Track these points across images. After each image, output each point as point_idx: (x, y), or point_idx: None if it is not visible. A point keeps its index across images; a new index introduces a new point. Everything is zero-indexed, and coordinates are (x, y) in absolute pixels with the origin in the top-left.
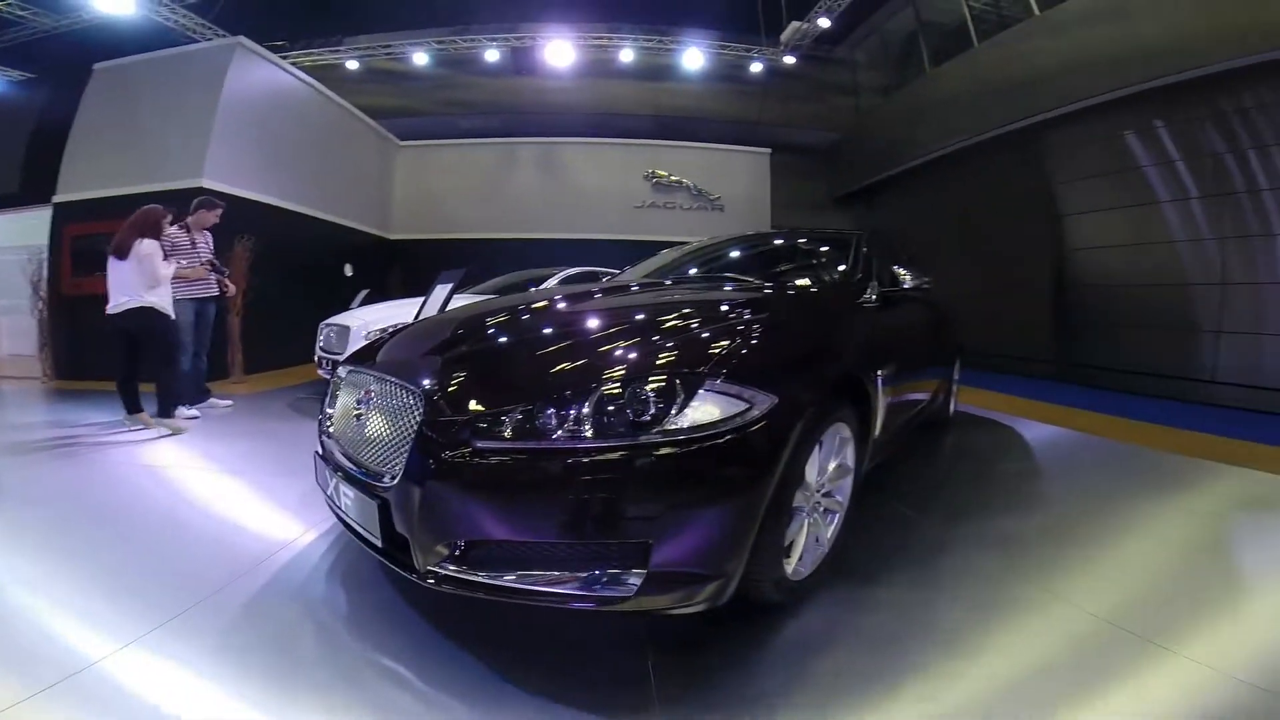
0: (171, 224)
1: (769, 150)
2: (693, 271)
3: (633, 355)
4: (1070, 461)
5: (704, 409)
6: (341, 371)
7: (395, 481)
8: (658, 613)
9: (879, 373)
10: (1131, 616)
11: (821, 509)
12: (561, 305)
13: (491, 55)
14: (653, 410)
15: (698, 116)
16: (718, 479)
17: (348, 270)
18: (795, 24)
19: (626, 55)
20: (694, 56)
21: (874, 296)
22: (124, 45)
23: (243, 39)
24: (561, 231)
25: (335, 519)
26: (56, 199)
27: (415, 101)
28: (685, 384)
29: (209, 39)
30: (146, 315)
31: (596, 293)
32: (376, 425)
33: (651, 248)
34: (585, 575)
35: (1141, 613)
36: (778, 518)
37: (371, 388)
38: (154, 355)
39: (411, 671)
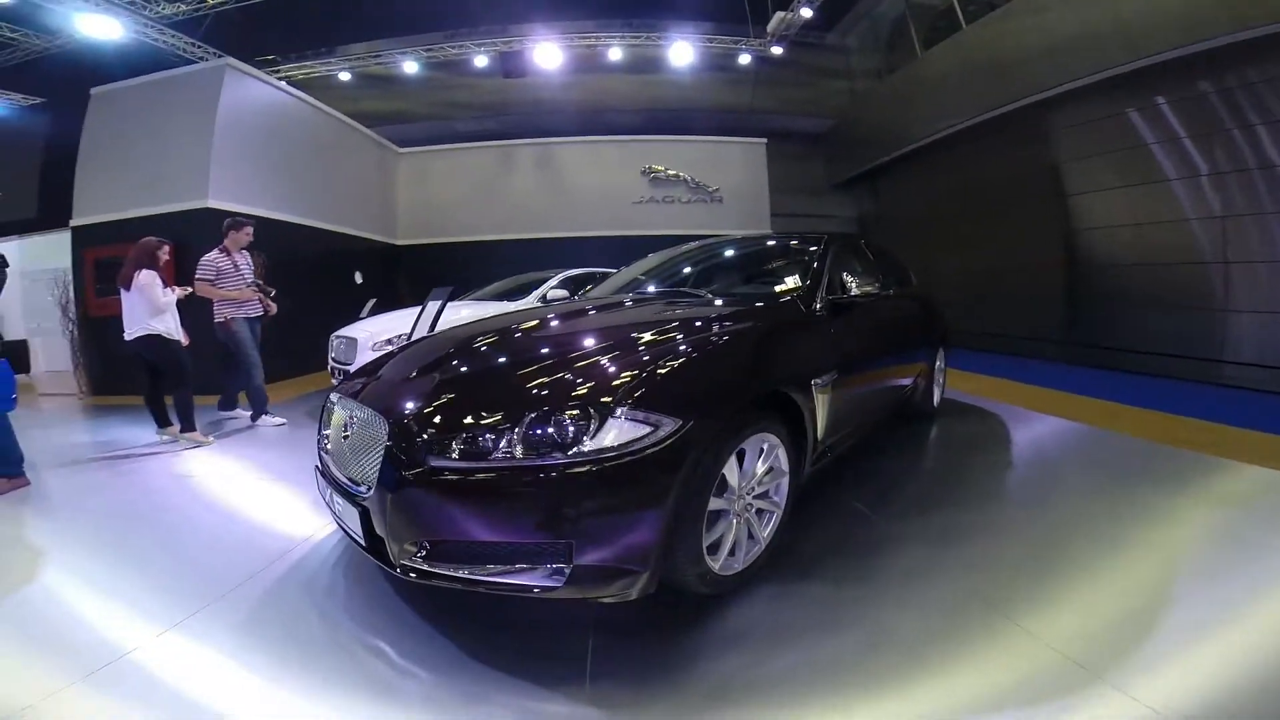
0: (169, 255)
1: (764, 139)
2: (651, 288)
3: (562, 385)
4: (1048, 453)
5: (613, 433)
6: (333, 397)
7: (372, 492)
8: (592, 600)
9: (819, 380)
10: (1078, 636)
11: (754, 510)
12: (516, 334)
13: (480, 60)
14: (571, 435)
15: (690, 109)
16: (626, 492)
17: (358, 278)
18: (780, 14)
19: (616, 53)
20: (682, 51)
21: (818, 307)
22: (117, 66)
23: (229, 59)
24: (562, 230)
25: (334, 521)
26: (73, 223)
27: (412, 106)
28: (599, 412)
29: (200, 58)
30: (154, 341)
31: (552, 318)
32: (357, 445)
33: (652, 242)
34: (525, 569)
35: (1088, 631)
36: (693, 521)
37: (354, 413)
38: (168, 377)
39: (392, 646)
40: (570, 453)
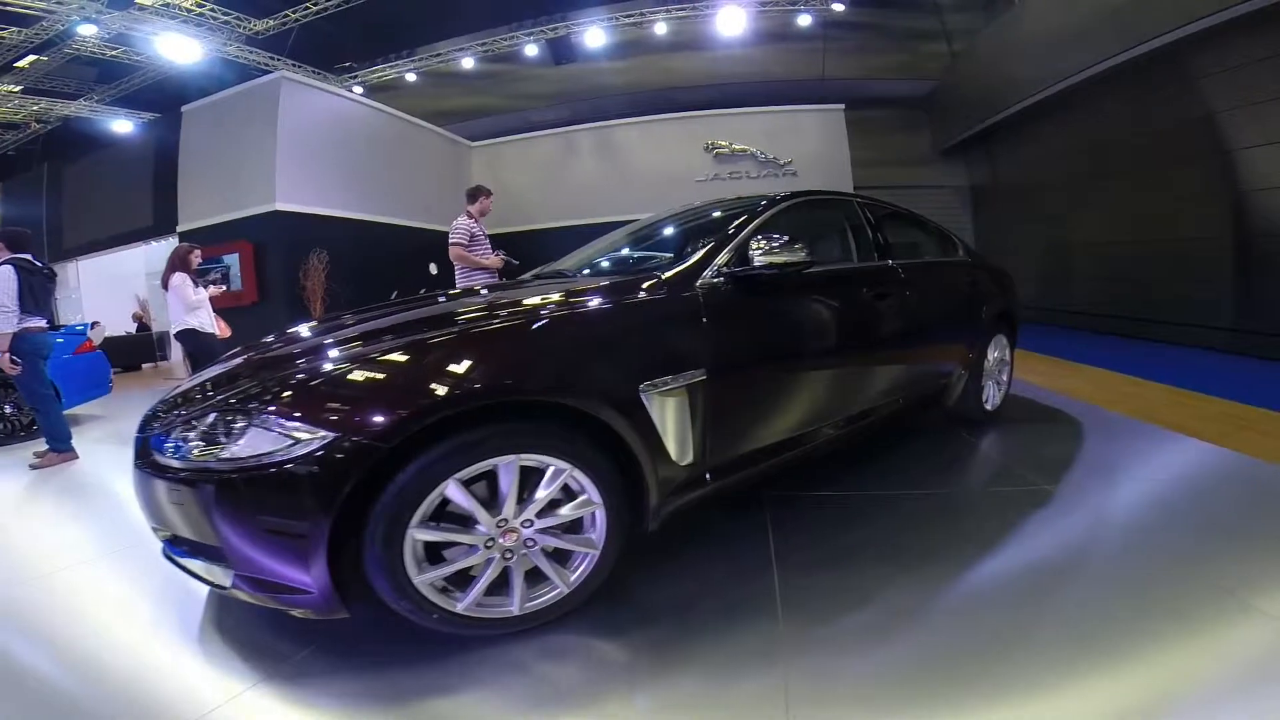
0: (200, 259)
1: (842, 106)
2: (585, 268)
3: (259, 387)
4: (1168, 510)
5: (250, 441)
6: None
7: None
8: (278, 610)
9: (665, 381)
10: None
11: (541, 548)
12: (326, 328)
13: (531, 50)
14: (217, 438)
15: (759, 82)
16: (262, 506)
17: (432, 269)
18: None
19: (680, 28)
20: (734, 16)
21: (699, 285)
22: (212, 83)
23: (284, 72)
24: (626, 213)
25: None
26: (179, 229)
27: (486, 101)
28: (243, 417)
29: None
30: (190, 336)
31: (391, 312)
32: None
33: None
34: (206, 563)
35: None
36: (387, 548)
37: None
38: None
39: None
40: (208, 457)
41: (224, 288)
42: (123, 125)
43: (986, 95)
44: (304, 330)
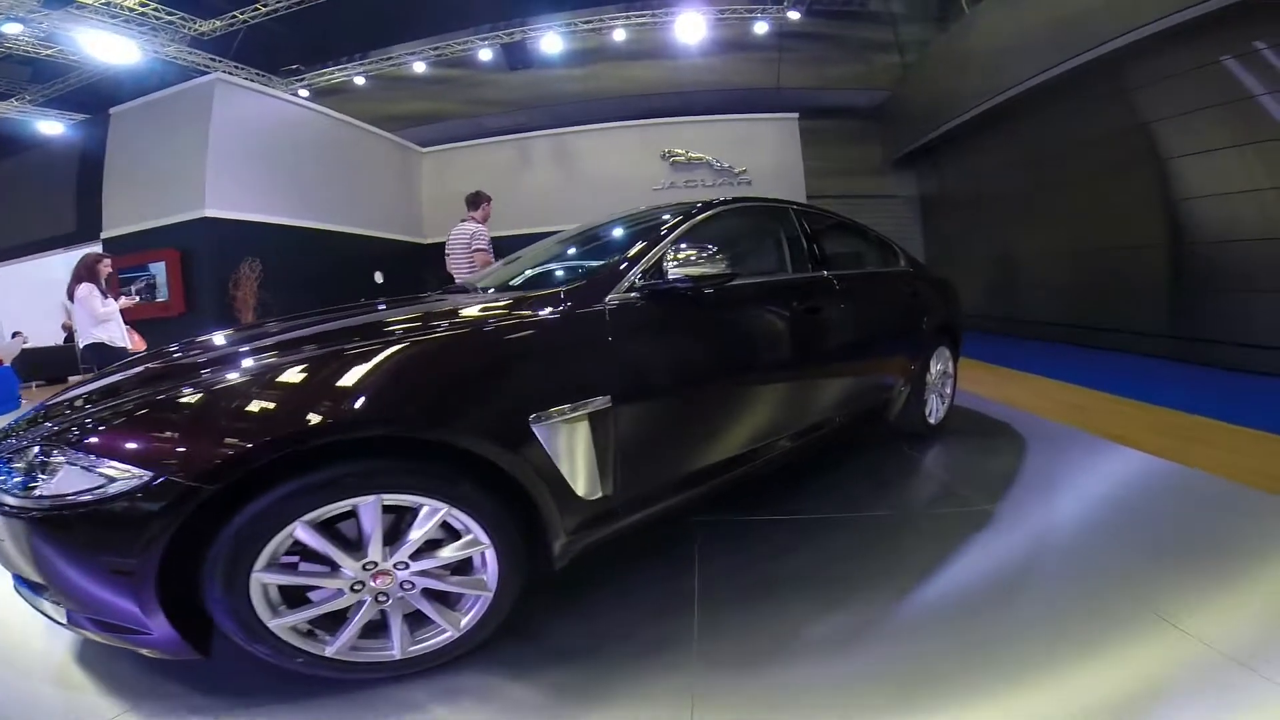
0: (109, 268)
1: (796, 115)
2: (516, 277)
3: (86, 421)
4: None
5: (68, 479)
6: None
7: None
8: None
9: (563, 410)
10: None
11: (415, 590)
12: (230, 343)
13: (485, 54)
14: (35, 476)
15: (715, 90)
16: (85, 546)
17: (378, 277)
18: None
19: (638, 36)
20: (692, 23)
21: (605, 303)
22: (152, 84)
23: (220, 74)
24: (580, 221)
25: None
26: (103, 235)
27: (441, 106)
28: (59, 452)
29: (226, 71)
30: (98, 350)
31: (309, 324)
32: None
33: None
34: (41, 598)
35: None
36: (230, 593)
37: None
38: None
39: None
40: (27, 493)
41: (136, 299)
42: (53, 127)
43: (935, 107)
44: (202, 340)
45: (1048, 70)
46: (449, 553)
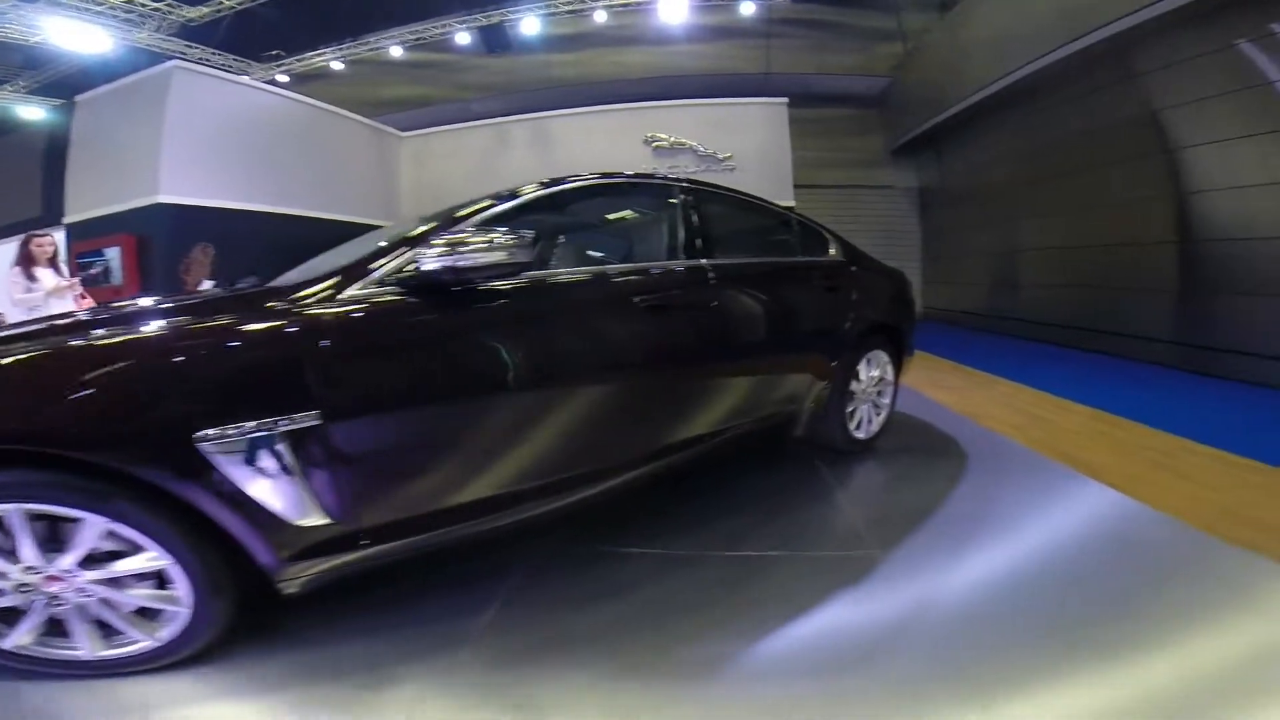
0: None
1: (785, 100)
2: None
3: None
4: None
5: None
6: None
7: None
8: None
9: (235, 433)
10: None
11: (93, 598)
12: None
13: (463, 38)
14: None
15: (703, 75)
16: None
17: None
18: None
19: (623, 20)
20: (680, 7)
21: (349, 297)
22: (128, 72)
23: (178, 61)
24: None
25: None
26: (66, 220)
27: (425, 91)
28: None
29: (203, 60)
30: None
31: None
32: None
33: None
34: None
35: None
36: None
37: None
38: None
39: None
40: None
41: (72, 281)
42: (34, 113)
43: (936, 92)
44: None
45: (1054, 51)
46: (126, 565)
